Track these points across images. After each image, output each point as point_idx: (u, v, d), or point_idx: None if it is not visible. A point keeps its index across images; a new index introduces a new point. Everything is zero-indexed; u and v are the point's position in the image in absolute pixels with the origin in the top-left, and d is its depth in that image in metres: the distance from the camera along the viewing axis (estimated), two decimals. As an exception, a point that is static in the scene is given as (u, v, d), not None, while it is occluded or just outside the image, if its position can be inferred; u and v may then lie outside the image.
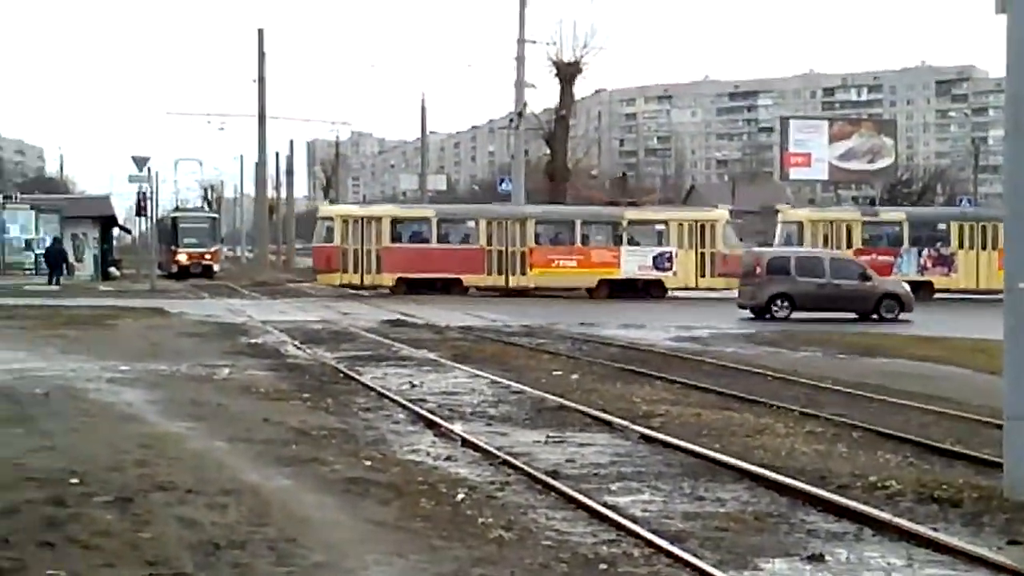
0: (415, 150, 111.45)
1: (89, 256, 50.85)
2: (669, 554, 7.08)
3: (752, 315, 29.90)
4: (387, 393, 14.26)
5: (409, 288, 38.93)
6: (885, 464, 10.07)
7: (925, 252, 40.08)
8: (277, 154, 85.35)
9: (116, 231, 64.03)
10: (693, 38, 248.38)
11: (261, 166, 57.70)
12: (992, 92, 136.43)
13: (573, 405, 13.33)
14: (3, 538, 6.94)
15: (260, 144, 55.12)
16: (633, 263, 40.00)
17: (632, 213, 41.96)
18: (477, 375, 16.46)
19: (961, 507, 8.37)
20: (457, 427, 11.79)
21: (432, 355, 19.18)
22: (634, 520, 7.94)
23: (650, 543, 7.32)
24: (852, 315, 29.25)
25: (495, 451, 10.39)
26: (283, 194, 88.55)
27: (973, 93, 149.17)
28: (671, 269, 39.89)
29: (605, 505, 8.37)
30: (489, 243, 39.94)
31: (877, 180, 63.32)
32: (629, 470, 9.86)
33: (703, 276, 39.71)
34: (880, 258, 37.39)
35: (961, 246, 40.17)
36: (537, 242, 40.41)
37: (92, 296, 35.70)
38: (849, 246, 39.31)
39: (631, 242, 40.55)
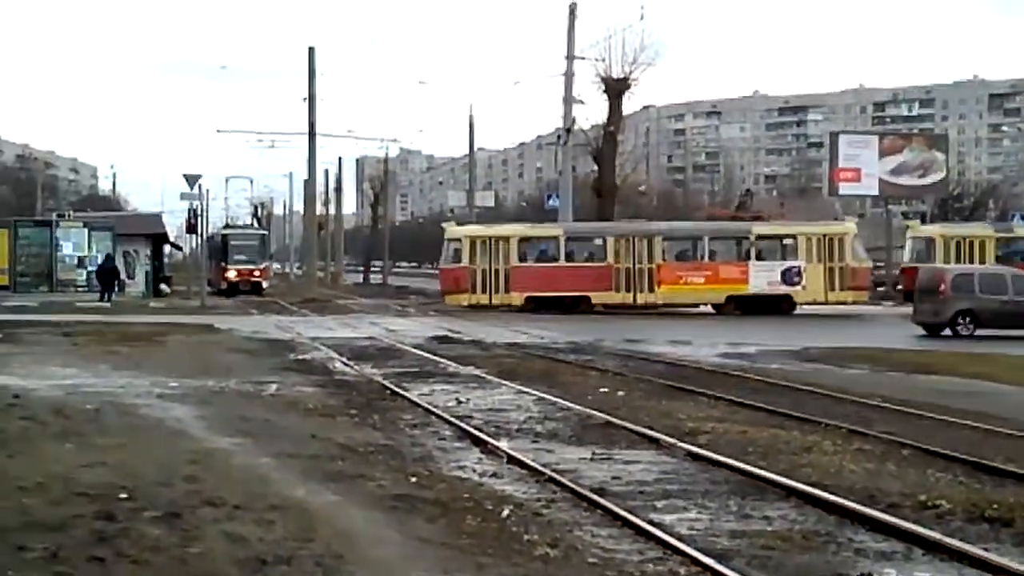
0: (463, 167, 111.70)
1: (140, 273, 51.37)
2: (715, 572, 7.07)
3: (926, 332, 29.52)
4: (434, 410, 14.30)
5: (537, 306, 38.95)
6: (935, 483, 9.97)
7: None
8: (326, 171, 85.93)
9: (167, 248, 64.65)
10: (742, 53, 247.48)
11: (310, 183, 57.95)
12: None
13: (619, 422, 13.30)
14: (53, 552, 7.01)
15: (310, 161, 55.33)
16: (762, 278, 39.64)
17: (760, 228, 41.70)
18: (523, 392, 16.45)
19: (1013, 526, 8.27)
20: (503, 444, 11.81)
21: (479, 372, 19.22)
22: (680, 538, 7.92)
23: (696, 561, 7.30)
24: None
25: (541, 468, 10.39)
26: (332, 211, 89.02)
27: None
28: (800, 283, 39.52)
29: (651, 523, 8.36)
30: (617, 260, 39.83)
31: (928, 195, 62.70)
32: (675, 487, 9.83)
33: (832, 290, 39.34)
34: None
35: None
36: (664, 258, 40.26)
37: (143, 313, 36.05)
38: (981, 262, 38.68)
39: (759, 257, 40.24)
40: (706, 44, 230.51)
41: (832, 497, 9.06)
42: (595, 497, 9.15)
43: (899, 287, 42.58)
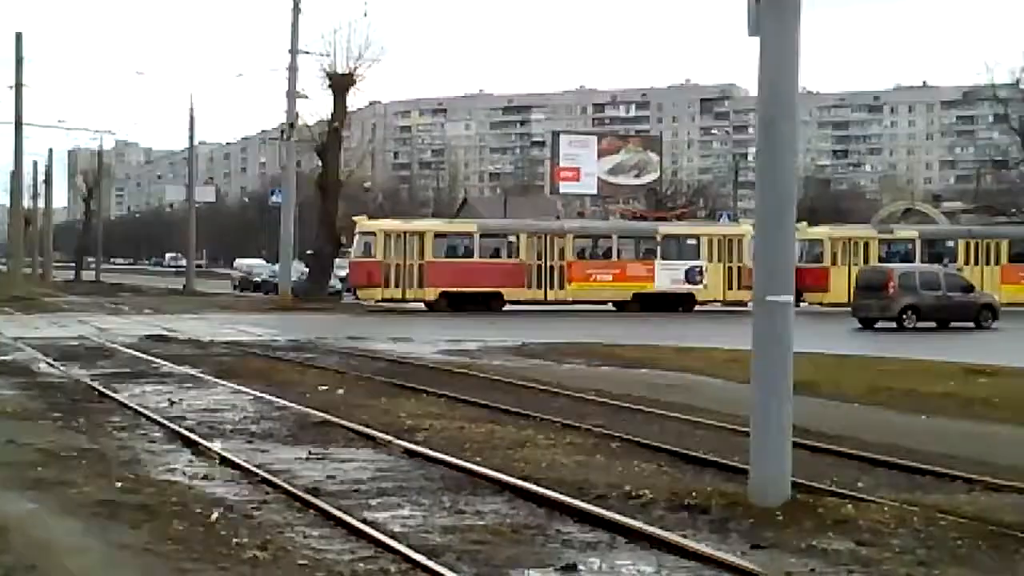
0: (183, 160, 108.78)
1: None
2: (426, 569, 7.09)
3: (862, 326, 32.18)
4: (144, 411, 13.84)
5: (451, 302, 38.92)
6: (640, 473, 10.28)
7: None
8: (35, 163, 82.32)
9: None
10: (468, 52, 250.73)
11: (16, 175, 55.36)
12: (751, 111, 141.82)
13: (337, 420, 13.20)
14: None
15: (16, 152, 52.95)
16: (667, 277, 41.03)
17: (666, 228, 43.21)
18: (240, 391, 16.14)
19: (710, 513, 8.61)
20: (216, 445, 11.53)
21: (194, 371, 18.73)
22: (392, 536, 7.90)
23: (407, 558, 7.31)
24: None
25: (254, 469, 10.20)
26: (41, 205, 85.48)
27: (734, 111, 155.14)
28: (702, 282, 40.86)
29: (364, 521, 8.31)
30: (529, 257, 40.25)
31: (643, 194, 65.03)
32: (390, 485, 9.80)
33: (730, 289, 40.52)
34: None
35: (967, 262, 42.13)
36: (575, 256, 40.98)
37: None
38: (866, 261, 40.63)
39: (664, 256, 41.43)
40: (432, 42, 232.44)
41: (543, 490, 9.23)
42: (308, 497, 9.04)
43: None
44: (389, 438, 11.95)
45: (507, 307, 39.90)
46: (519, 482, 9.57)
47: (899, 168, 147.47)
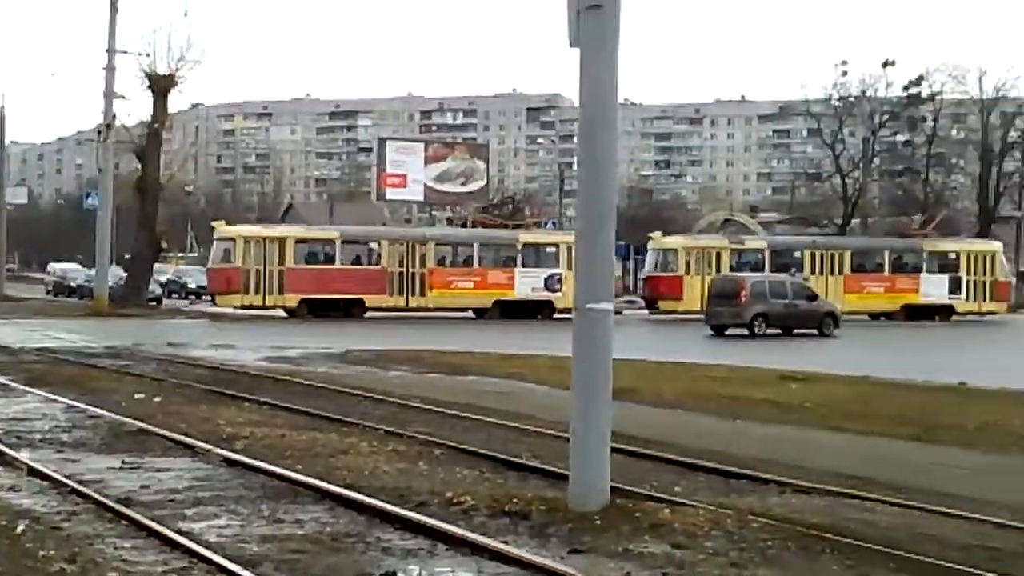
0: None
1: None
2: (241, 579, 6.95)
3: (713, 333, 33.47)
4: (-53, 421, 13.26)
5: (311, 309, 38.63)
6: (463, 480, 10.28)
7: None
8: None
9: None
10: (294, 57, 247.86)
11: None
12: (575, 120, 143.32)
13: (153, 429, 12.88)
14: None
15: None
16: (527, 285, 41.80)
17: (526, 236, 43.91)
18: (51, 399, 15.63)
19: (530, 519, 8.64)
20: (24, 455, 11.13)
21: (2, 379, 18.07)
22: (208, 546, 7.73)
23: (223, 569, 7.18)
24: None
25: (64, 479, 9.88)
26: None
27: (560, 120, 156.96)
28: (561, 290, 41.15)
29: (179, 532, 8.12)
30: (391, 264, 40.32)
31: (470, 202, 65.33)
32: (208, 494, 9.60)
33: None
34: None
35: (813, 271, 43.60)
36: (436, 263, 41.29)
37: None
38: (718, 271, 41.48)
39: (524, 264, 42.02)
40: (257, 45, 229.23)
41: (364, 498, 9.15)
42: (120, 508, 8.80)
43: (642, 295, 45.69)
44: (208, 446, 11.71)
45: (369, 314, 39.83)
46: (340, 490, 9.48)
47: (719, 179, 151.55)
